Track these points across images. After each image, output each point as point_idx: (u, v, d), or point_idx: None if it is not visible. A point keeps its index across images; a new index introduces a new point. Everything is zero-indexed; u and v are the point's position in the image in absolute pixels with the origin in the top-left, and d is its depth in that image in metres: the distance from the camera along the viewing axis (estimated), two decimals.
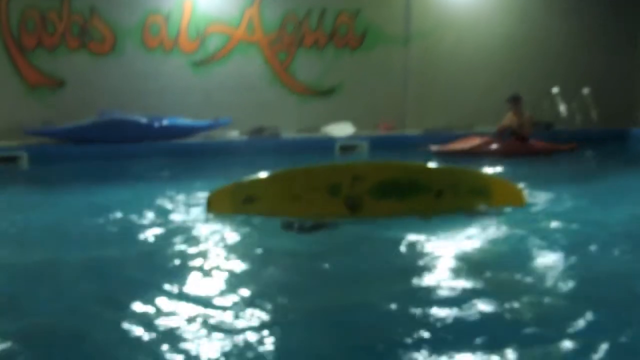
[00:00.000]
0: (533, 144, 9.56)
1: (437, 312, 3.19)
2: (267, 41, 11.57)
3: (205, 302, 3.37)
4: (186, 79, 11.15)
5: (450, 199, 5.09)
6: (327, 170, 5.37)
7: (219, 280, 3.78)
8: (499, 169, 7.96)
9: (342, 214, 4.95)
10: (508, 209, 5.16)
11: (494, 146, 9.29)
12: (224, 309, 3.29)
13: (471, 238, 4.48)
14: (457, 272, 3.81)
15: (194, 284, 3.72)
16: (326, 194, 4.98)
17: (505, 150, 9.22)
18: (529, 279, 3.68)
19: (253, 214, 4.96)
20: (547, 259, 4.02)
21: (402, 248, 4.34)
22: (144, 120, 9.98)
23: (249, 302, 3.36)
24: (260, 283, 3.75)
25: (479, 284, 3.57)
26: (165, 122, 10.12)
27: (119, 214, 5.42)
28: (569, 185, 6.80)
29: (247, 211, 5.01)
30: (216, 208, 5.13)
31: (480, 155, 9.02)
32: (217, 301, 3.41)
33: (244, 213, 5.00)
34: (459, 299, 3.34)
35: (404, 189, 5.04)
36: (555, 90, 11.13)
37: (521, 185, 5.71)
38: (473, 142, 9.34)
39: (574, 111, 11.05)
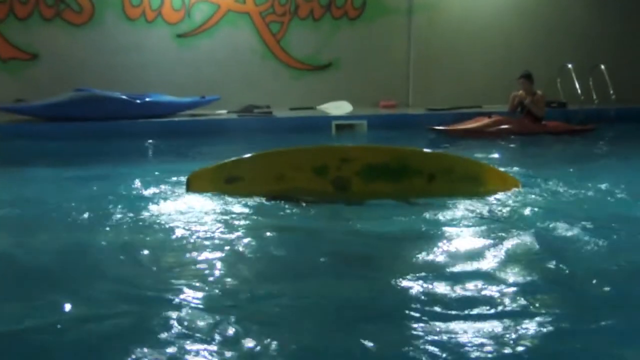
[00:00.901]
0: (547, 125, 8.85)
1: (433, 293, 3.14)
2: (259, 11, 11.01)
3: (188, 285, 3.22)
4: (170, 52, 10.70)
5: (442, 184, 4.95)
6: (313, 151, 5.22)
7: (201, 262, 3.59)
8: (506, 150, 7.65)
9: (330, 193, 4.83)
10: (504, 193, 5.07)
11: (505, 125, 8.57)
12: (210, 290, 3.17)
13: (465, 219, 4.40)
14: (451, 253, 3.78)
15: (175, 263, 3.58)
16: (312, 174, 4.87)
17: (517, 129, 8.54)
18: (521, 261, 3.63)
19: (235, 193, 4.84)
20: (536, 241, 3.93)
21: (393, 228, 4.25)
22: (124, 96, 9.46)
23: (239, 285, 3.29)
24: (248, 264, 3.63)
25: (474, 265, 3.54)
26: (147, 99, 9.62)
27: (93, 195, 5.17)
28: (577, 167, 6.52)
29: (229, 190, 4.89)
30: (197, 188, 4.98)
31: (491, 134, 8.42)
32: (200, 285, 3.24)
33: (226, 192, 4.88)
34: (454, 280, 3.30)
35: (395, 172, 4.94)
36: (569, 66, 10.41)
37: (526, 166, 5.81)
38: (482, 121, 8.62)
39: (589, 89, 10.34)
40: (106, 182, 5.70)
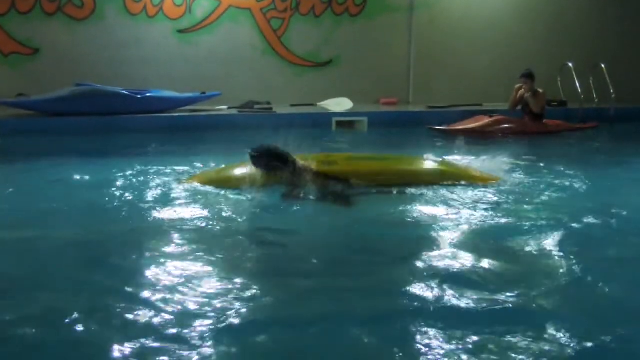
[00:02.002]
0: (548, 124, 8.83)
1: (423, 281, 3.20)
2: (260, 7, 10.97)
3: (187, 280, 3.22)
4: (171, 48, 10.67)
5: (423, 162, 5.60)
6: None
7: (197, 258, 3.56)
8: (504, 149, 7.54)
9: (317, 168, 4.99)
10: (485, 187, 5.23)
11: (506, 125, 8.55)
12: (208, 288, 3.13)
13: (447, 210, 4.51)
14: (437, 241, 3.89)
15: (174, 259, 3.55)
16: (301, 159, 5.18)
17: (518, 129, 8.51)
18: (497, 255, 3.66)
19: (229, 182, 5.01)
20: (514, 234, 4.01)
21: (376, 221, 4.37)
22: (125, 92, 9.38)
23: (237, 282, 3.23)
24: (249, 262, 3.62)
25: (455, 253, 3.62)
26: (148, 95, 9.55)
27: (93, 190, 5.17)
28: (572, 165, 6.45)
29: (222, 177, 5.12)
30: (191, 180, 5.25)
31: (491, 134, 8.38)
32: (198, 282, 3.21)
33: (221, 181, 5.07)
34: (436, 272, 3.35)
35: (376, 159, 5.59)
36: (569, 65, 10.38)
37: (519, 164, 6.15)
38: (482, 120, 8.59)
39: (589, 88, 10.31)
40: (106, 176, 5.71)
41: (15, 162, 6.78)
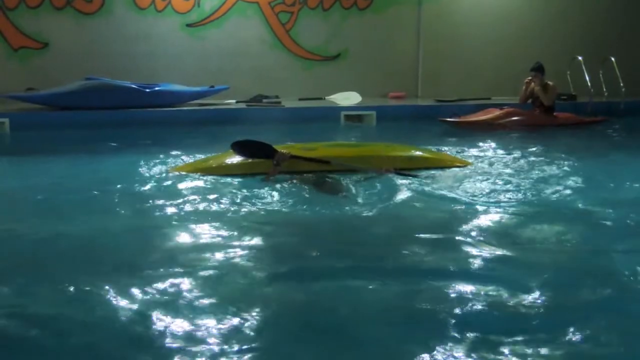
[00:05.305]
0: (558, 117, 8.80)
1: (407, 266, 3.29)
2: (268, 1, 10.96)
3: (187, 273, 3.19)
4: (180, 41, 10.67)
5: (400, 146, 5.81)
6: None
7: (203, 248, 3.58)
8: (516, 140, 7.62)
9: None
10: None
11: (517, 117, 8.53)
12: (213, 272, 3.17)
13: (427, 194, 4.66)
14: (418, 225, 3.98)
15: (179, 249, 3.60)
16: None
17: (528, 121, 8.48)
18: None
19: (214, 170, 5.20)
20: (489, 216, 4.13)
21: (348, 205, 4.41)
22: (134, 85, 9.40)
23: (235, 269, 3.26)
24: (245, 248, 3.59)
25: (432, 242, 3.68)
26: (157, 88, 9.57)
27: (102, 183, 5.18)
28: (575, 158, 6.38)
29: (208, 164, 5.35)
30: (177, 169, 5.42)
31: (501, 126, 8.37)
32: (197, 273, 3.18)
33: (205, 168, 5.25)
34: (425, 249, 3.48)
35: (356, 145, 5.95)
36: (579, 59, 10.32)
37: (517, 157, 6.23)
38: (493, 113, 8.58)
39: (599, 82, 10.25)
40: (116, 170, 5.73)
41: (24, 156, 6.79)
